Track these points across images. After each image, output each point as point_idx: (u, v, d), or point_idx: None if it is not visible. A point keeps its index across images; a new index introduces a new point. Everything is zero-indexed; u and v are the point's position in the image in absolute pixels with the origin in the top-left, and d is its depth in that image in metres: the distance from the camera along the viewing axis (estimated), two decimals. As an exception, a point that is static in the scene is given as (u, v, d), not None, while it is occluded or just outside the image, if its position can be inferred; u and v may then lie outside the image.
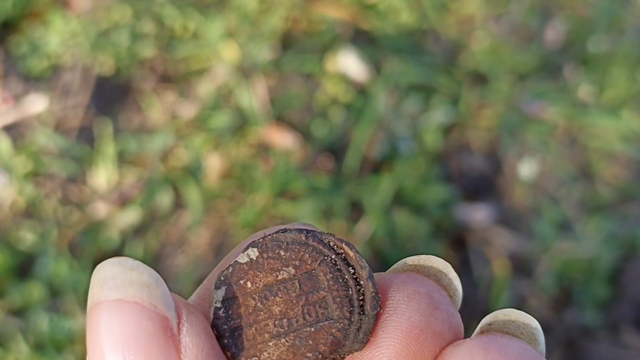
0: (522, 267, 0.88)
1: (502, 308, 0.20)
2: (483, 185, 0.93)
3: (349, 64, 0.97)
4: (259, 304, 0.19)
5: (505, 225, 0.90)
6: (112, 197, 0.86)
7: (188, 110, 0.92)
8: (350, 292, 0.19)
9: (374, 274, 0.20)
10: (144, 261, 0.82)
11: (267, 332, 0.19)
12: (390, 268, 0.21)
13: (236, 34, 0.98)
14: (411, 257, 0.21)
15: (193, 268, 0.82)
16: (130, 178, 0.87)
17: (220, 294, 0.19)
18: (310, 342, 0.19)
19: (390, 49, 1.01)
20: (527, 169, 0.94)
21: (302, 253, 0.19)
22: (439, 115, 0.95)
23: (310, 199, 0.86)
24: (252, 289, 0.19)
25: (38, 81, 0.94)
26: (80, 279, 0.79)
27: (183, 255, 0.84)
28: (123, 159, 0.89)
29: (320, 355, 0.19)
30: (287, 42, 1.00)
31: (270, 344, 0.19)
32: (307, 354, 0.19)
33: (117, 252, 0.83)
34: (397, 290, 0.20)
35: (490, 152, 0.95)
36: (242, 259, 0.19)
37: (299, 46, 1.00)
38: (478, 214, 0.89)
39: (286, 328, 0.19)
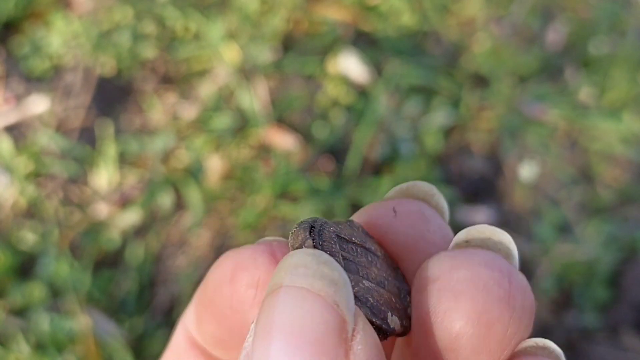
0: (522, 269, 0.87)
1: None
2: (483, 188, 0.93)
3: (350, 65, 0.97)
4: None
5: (506, 227, 0.90)
6: (113, 198, 0.86)
7: (189, 112, 0.93)
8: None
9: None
10: (144, 262, 0.82)
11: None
12: (385, 196, 0.23)
13: (237, 35, 0.98)
14: (400, 185, 0.23)
15: (193, 269, 0.82)
16: (131, 179, 0.87)
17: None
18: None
19: (391, 50, 1.01)
20: (527, 171, 0.94)
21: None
22: (439, 117, 0.95)
23: (311, 200, 0.86)
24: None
25: (40, 82, 0.94)
26: (81, 279, 0.79)
27: (184, 256, 0.84)
28: (124, 160, 0.89)
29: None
30: (288, 43, 1.00)
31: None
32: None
33: (118, 253, 0.83)
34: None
35: (490, 154, 0.95)
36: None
37: (300, 48, 1.00)
38: (478, 216, 0.89)
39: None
